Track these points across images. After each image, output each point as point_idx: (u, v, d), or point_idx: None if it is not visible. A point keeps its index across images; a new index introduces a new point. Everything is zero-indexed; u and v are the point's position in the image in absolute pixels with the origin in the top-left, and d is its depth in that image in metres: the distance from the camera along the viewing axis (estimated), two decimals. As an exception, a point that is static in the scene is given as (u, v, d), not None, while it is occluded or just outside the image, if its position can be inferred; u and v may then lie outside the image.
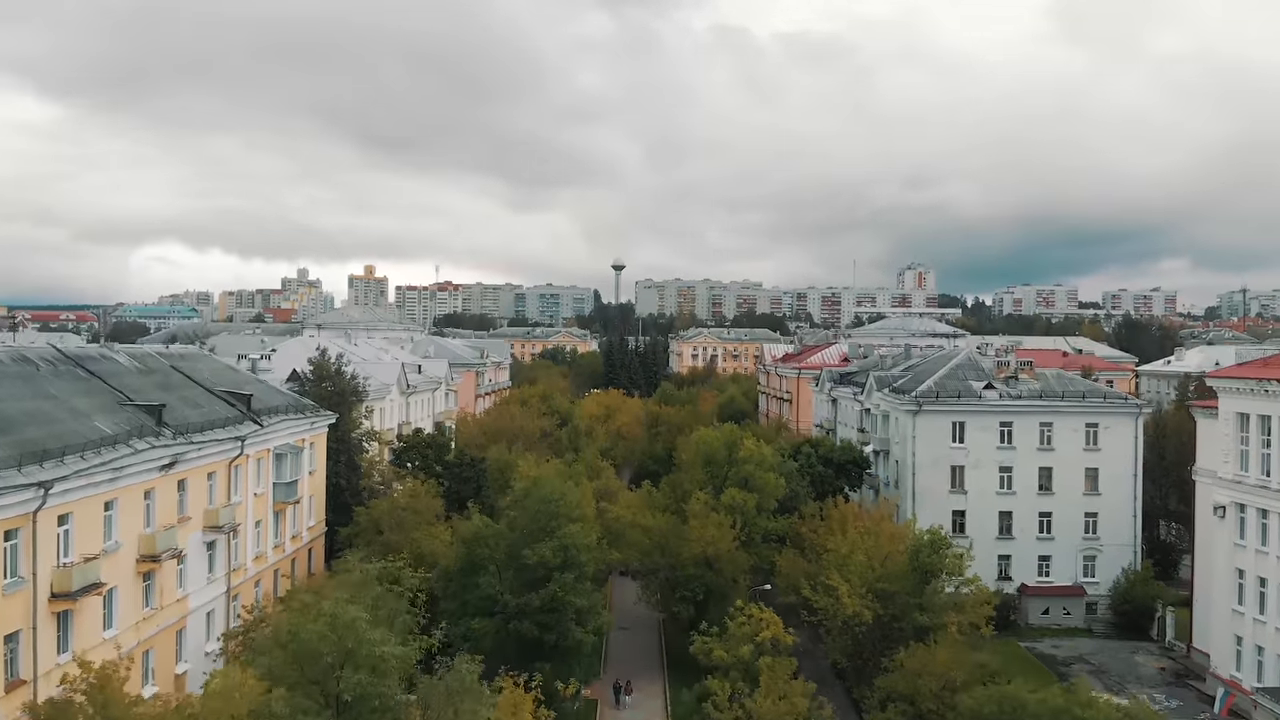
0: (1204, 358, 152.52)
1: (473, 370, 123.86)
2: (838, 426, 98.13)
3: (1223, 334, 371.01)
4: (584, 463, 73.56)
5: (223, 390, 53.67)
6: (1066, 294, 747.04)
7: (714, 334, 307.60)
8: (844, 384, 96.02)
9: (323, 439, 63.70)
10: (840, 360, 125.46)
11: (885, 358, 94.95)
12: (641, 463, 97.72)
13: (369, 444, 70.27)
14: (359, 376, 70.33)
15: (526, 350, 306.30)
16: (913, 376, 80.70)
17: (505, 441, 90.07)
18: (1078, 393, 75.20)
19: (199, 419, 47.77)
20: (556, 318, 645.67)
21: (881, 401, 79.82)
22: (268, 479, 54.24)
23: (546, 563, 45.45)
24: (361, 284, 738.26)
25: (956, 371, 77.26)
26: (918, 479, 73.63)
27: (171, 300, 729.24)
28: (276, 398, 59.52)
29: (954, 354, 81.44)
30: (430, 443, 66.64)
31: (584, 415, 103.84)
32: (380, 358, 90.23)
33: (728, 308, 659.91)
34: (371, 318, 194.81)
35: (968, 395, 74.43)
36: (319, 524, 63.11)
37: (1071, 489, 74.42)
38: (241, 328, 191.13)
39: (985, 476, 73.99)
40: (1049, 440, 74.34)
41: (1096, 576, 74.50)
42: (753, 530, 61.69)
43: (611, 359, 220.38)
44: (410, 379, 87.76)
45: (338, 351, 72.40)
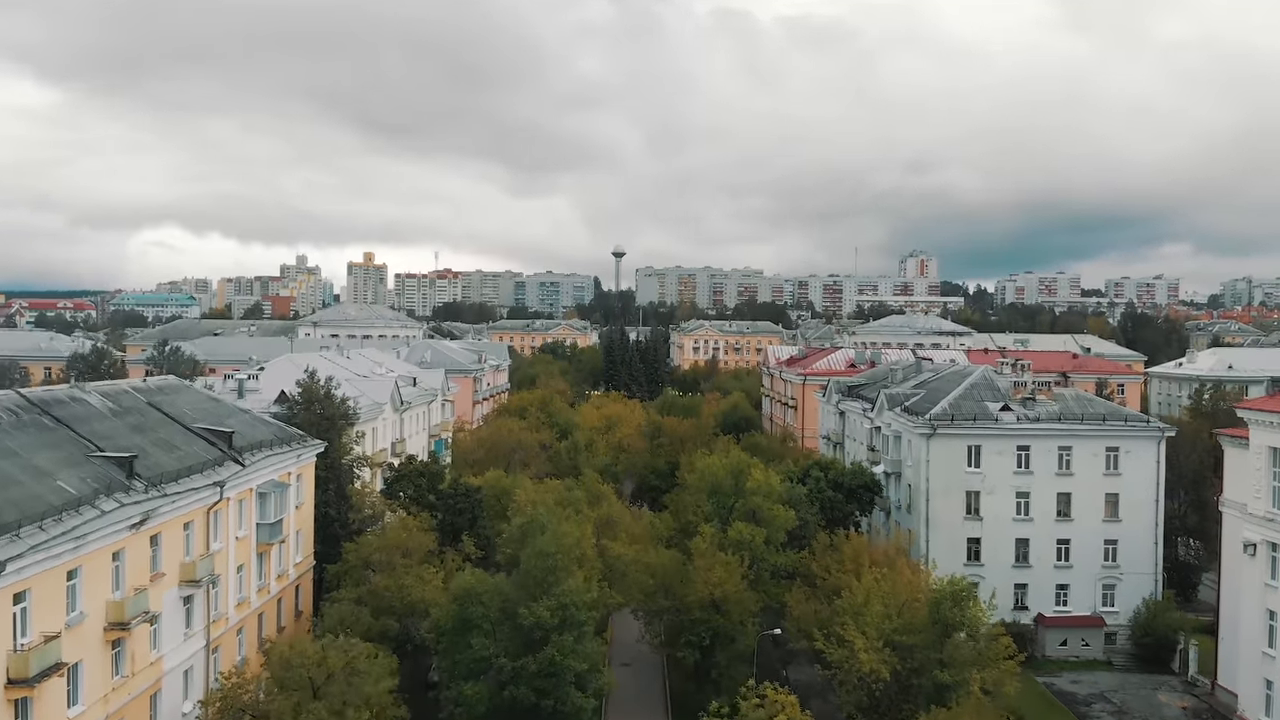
0: (1216, 360, 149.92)
1: (470, 376, 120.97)
2: (845, 440, 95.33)
3: (1228, 326, 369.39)
4: (584, 487, 70.66)
5: (202, 427, 50.76)
6: (1069, 281, 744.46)
7: (715, 327, 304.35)
8: (852, 397, 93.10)
9: (310, 469, 60.87)
10: (846, 366, 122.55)
11: (895, 369, 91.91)
12: (643, 477, 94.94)
13: (360, 469, 67.46)
14: (349, 399, 67.41)
15: (526, 343, 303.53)
16: (925, 395, 77.79)
17: (503, 455, 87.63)
18: (1098, 415, 72.31)
19: (175, 464, 44.87)
20: (556, 306, 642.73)
21: (893, 421, 76.94)
22: (251, 520, 51.42)
23: (543, 623, 42.64)
24: (360, 271, 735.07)
25: (972, 391, 74.33)
26: (932, 505, 70.84)
27: (170, 287, 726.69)
28: (260, 430, 56.61)
29: (968, 372, 78.48)
30: (423, 471, 63.82)
31: (584, 425, 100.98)
32: (373, 371, 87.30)
33: (728, 296, 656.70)
34: (368, 315, 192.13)
35: (984, 418, 71.54)
36: (307, 559, 60.35)
37: (1091, 515, 71.67)
38: (236, 326, 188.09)
39: (1001, 502, 71.22)
40: (1068, 465, 71.53)
41: (1116, 606, 71.85)
42: (761, 567, 58.92)
43: (612, 355, 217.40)
44: (404, 394, 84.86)
45: (327, 374, 69.33)
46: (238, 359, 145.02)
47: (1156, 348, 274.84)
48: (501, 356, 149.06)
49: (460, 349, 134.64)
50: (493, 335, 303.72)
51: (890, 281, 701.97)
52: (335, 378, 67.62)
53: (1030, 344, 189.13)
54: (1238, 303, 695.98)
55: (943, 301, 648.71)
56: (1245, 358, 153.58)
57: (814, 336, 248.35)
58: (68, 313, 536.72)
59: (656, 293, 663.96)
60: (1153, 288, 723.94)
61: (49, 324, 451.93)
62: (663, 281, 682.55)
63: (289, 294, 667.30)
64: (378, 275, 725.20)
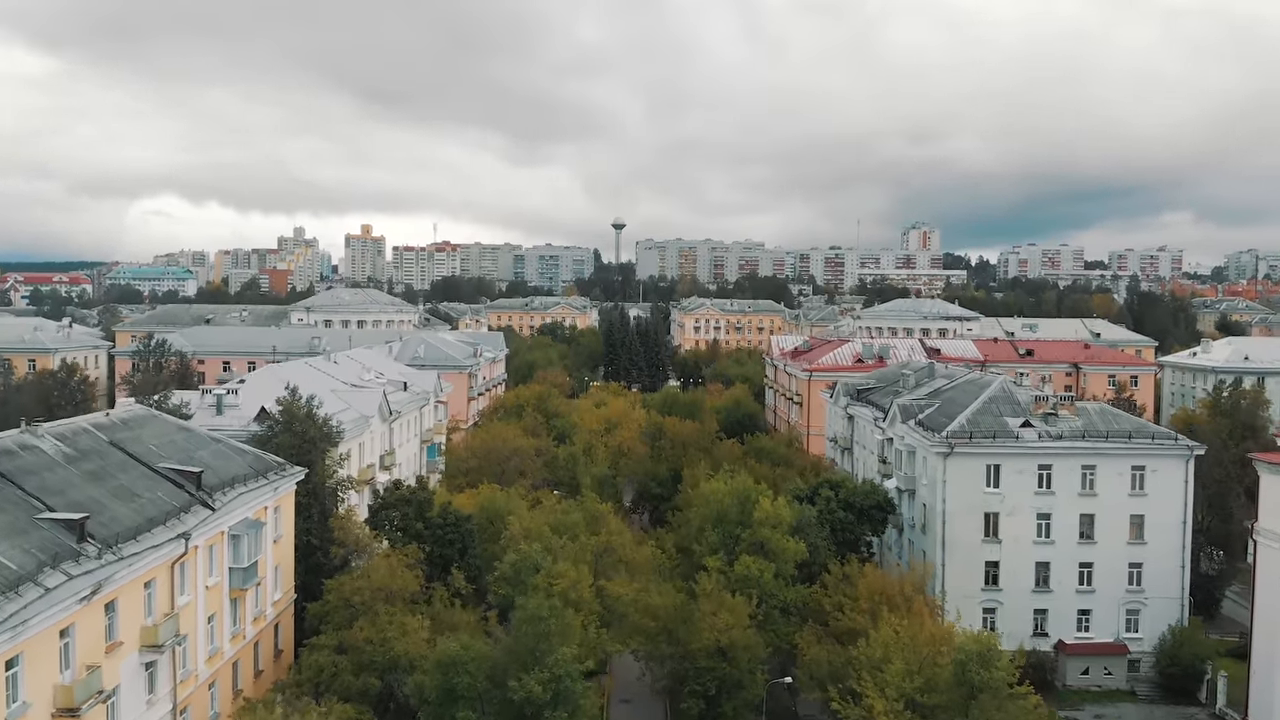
0: (1232, 351, 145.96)
1: (465, 372, 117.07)
2: (854, 446, 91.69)
3: (1236, 304, 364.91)
4: (582, 507, 67.09)
5: (168, 468, 47.02)
6: (1072, 254, 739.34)
7: (716, 306, 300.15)
8: (861, 402, 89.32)
9: (290, 498, 57.21)
10: (853, 361, 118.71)
11: (906, 373, 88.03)
12: (644, 485, 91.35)
13: (345, 492, 63.84)
14: (332, 420, 63.64)
15: (525, 323, 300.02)
16: (940, 407, 74.02)
17: (498, 462, 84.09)
18: (1123, 432, 68.55)
19: (134, 518, 41.17)
20: (556, 280, 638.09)
21: (907, 435, 73.22)
22: (222, 566, 47.82)
23: (535, 699, 39.13)
24: (358, 244, 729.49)
25: (990, 406, 70.55)
26: (948, 527, 67.26)
27: (166, 260, 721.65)
28: (234, 462, 52.87)
29: (986, 383, 74.64)
30: (409, 498, 60.11)
31: (582, 426, 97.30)
32: (361, 377, 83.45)
33: (729, 270, 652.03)
34: (363, 299, 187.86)
35: (1003, 435, 67.81)
36: (287, 594, 56.85)
37: (1115, 537, 68.14)
38: (227, 312, 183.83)
39: (1021, 524, 67.65)
40: (1091, 485, 67.87)
41: (1140, 632, 68.50)
42: (770, 604, 55.44)
43: (611, 338, 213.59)
44: (393, 403, 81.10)
45: (311, 387, 65.50)
46: (227, 351, 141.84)
47: (1164, 328, 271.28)
48: (498, 347, 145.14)
49: (455, 341, 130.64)
50: (491, 315, 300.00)
51: (892, 254, 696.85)
52: (318, 396, 63.78)
53: (1039, 330, 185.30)
54: (1242, 276, 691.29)
55: (945, 275, 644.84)
56: (1262, 348, 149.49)
57: (816, 318, 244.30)
58: (63, 287, 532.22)
59: (657, 266, 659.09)
60: (1156, 260, 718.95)
61: (43, 300, 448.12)
62: (663, 254, 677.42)
63: (286, 267, 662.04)
64: (375, 248, 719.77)
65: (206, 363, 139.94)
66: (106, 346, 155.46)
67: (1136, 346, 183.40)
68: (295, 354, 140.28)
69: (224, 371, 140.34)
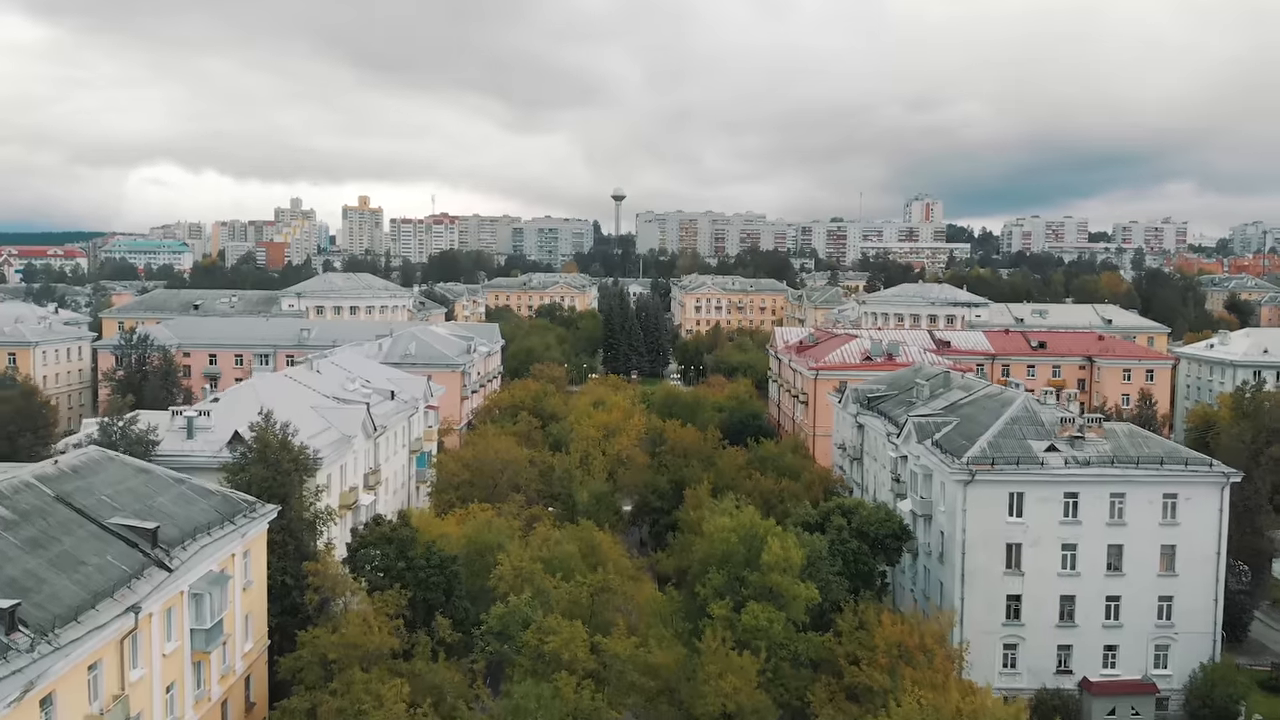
0: (1250, 343, 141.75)
1: (457, 371, 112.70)
2: (864, 457, 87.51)
3: (1245, 282, 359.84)
4: (580, 535, 62.99)
5: (121, 524, 42.74)
6: (1076, 226, 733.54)
7: (718, 285, 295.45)
8: (872, 411, 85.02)
9: (261, 540, 53.07)
10: (861, 358, 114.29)
11: (919, 382, 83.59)
12: (644, 497, 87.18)
13: (324, 524, 59.71)
14: (308, 449, 59.38)
15: (523, 303, 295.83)
16: (958, 425, 69.72)
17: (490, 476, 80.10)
18: (1155, 458, 64.27)
19: (77, 592, 36.97)
20: (555, 254, 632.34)
21: (923, 455, 68.98)
22: (182, 629, 43.69)
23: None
24: (356, 215, 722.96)
25: (1013, 428, 66.24)
26: (968, 559, 63.21)
27: (163, 232, 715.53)
28: (198, 507, 48.61)
29: (1007, 400, 70.25)
30: (391, 536, 55.88)
31: (580, 434, 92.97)
32: (345, 386, 79.06)
33: (730, 243, 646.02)
34: (355, 284, 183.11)
35: (1027, 461, 63.55)
36: (259, 643, 52.80)
37: (1144, 569, 64.10)
38: (217, 297, 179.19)
39: (1046, 555, 63.59)
40: (1120, 514, 63.74)
41: (1169, 668, 64.64)
42: (780, 655, 51.43)
43: (611, 322, 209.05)
44: (380, 414, 76.87)
45: (290, 401, 61.17)
46: (213, 343, 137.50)
47: (1173, 308, 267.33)
48: (493, 339, 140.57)
49: (448, 335, 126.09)
50: (489, 295, 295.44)
51: (895, 227, 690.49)
52: (293, 423, 59.41)
53: (1049, 316, 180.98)
54: (1248, 249, 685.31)
55: (949, 249, 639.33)
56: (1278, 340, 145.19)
57: (820, 300, 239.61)
58: (57, 261, 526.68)
59: (657, 239, 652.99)
60: (1161, 232, 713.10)
61: (36, 275, 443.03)
62: (663, 227, 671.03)
63: (283, 240, 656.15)
64: (373, 219, 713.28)
65: (193, 355, 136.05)
66: (90, 339, 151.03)
67: (1149, 334, 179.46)
68: (283, 346, 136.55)
69: (210, 365, 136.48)
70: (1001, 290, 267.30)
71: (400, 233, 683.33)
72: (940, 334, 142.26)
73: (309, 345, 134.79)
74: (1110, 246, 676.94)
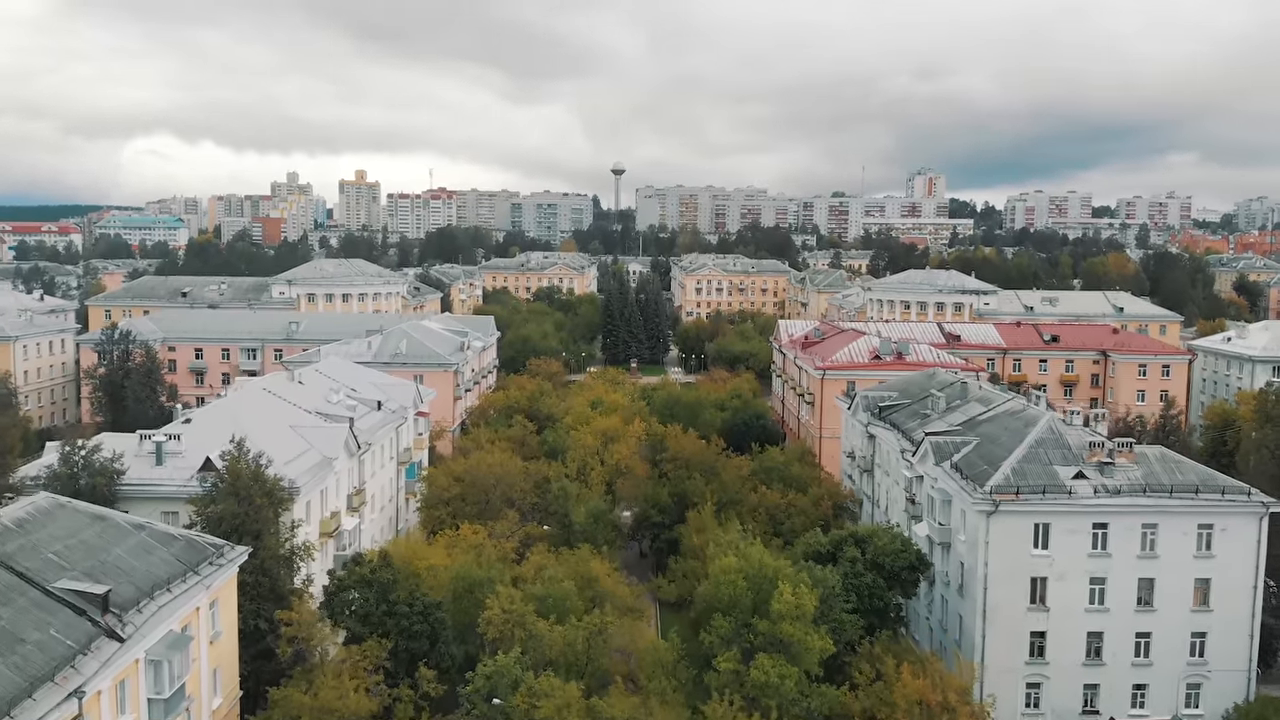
0: (1270, 337, 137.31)
1: (450, 370, 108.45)
2: (875, 470, 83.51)
3: (1253, 263, 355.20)
4: (574, 569, 59.13)
5: (68, 589, 38.66)
6: (1080, 201, 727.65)
7: (719, 266, 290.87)
8: (885, 423, 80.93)
9: (231, 586, 49.02)
10: (870, 358, 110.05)
11: (934, 393, 79.39)
12: (644, 511, 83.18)
13: (301, 560, 55.75)
14: (283, 481, 55.37)
15: (521, 285, 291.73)
16: (978, 446, 65.62)
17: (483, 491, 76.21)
18: (1189, 486, 60.17)
19: (12, 679, 32.98)
20: (554, 230, 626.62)
21: (941, 479, 64.92)
22: (138, 701, 39.75)
23: None
24: (353, 190, 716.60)
25: (1038, 451, 62.10)
26: (990, 594, 59.26)
27: (159, 207, 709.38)
28: (158, 558, 44.52)
29: (1031, 419, 66.06)
30: (371, 579, 51.83)
31: (576, 443, 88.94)
32: (329, 399, 74.81)
33: (731, 219, 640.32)
34: (347, 271, 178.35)
35: (1054, 490, 59.46)
36: (229, 696, 48.78)
37: (1176, 604, 60.20)
38: (206, 284, 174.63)
39: (1072, 590, 59.65)
40: (1152, 545, 59.75)
41: (1201, 708, 60.89)
42: (791, 711, 47.61)
43: (610, 309, 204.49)
44: (365, 428, 72.82)
45: (263, 438, 56.91)
46: (200, 337, 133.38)
47: (1182, 291, 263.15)
48: (487, 332, 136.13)
49: (441, 330, 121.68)
50: (486, 276, 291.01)
51: (897, 203, 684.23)
52: (267, 453, 55.39)
53: (1060, 304, 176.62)
54: (1253, 224, 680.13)
55: (952, 225, 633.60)
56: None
57: (824, 283, 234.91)
58: (50, 238, 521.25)
59: (657, 215, 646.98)
60: (1165, 207, 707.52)
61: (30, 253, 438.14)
62: (663, 202, 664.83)
63: (279, 215, 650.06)
64: (370, 194, 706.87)
65: (178, 349, 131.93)
66: (74, 331, 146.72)
67: (1161, 322, 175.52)
68: (271, 340, 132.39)
69: (196, 359, 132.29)
70: (1008, 273, 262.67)
71: (398, 208, 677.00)
72: (949, 327, 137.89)
73: (297, 339, 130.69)
74: (1114, 222, 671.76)
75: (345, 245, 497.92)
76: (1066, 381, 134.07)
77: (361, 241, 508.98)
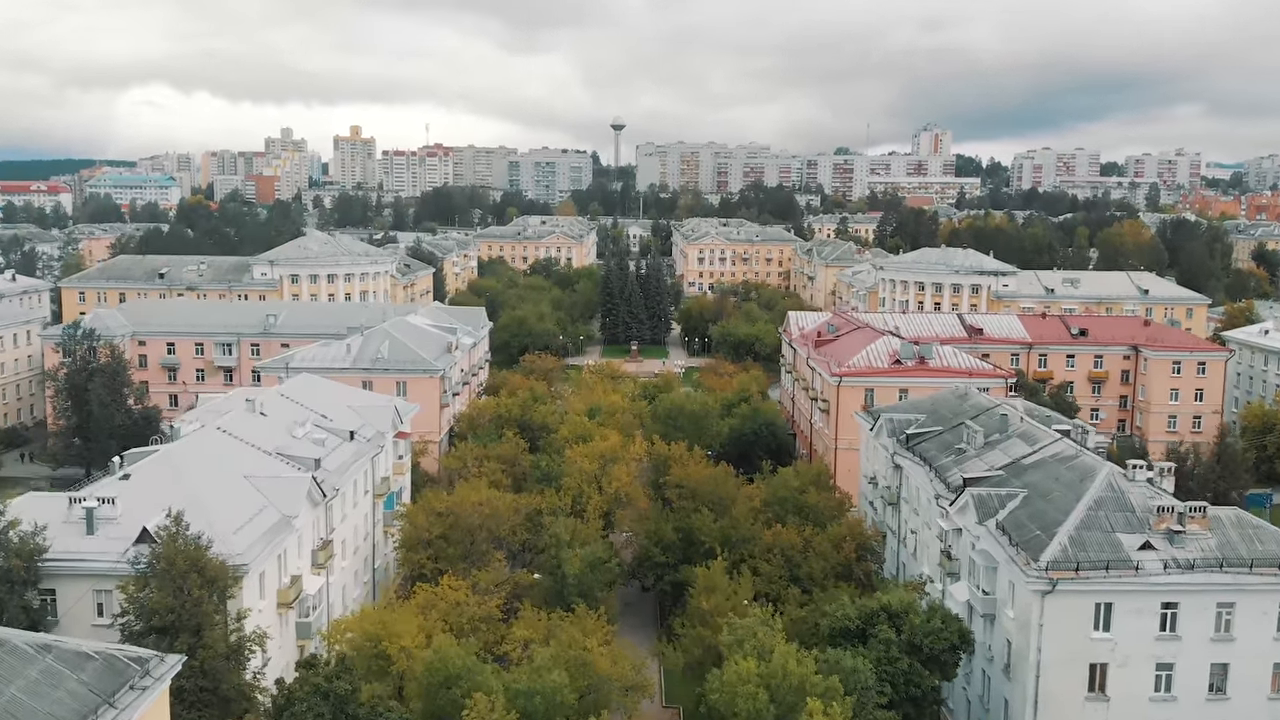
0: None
1: (436, 376, 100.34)
2: (901, 504, 75.87)
3: (1271, 229, 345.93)
4: (570, 658, 51.65)
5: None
6: (1088, 158, 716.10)
7: (722, 234, 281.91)
8: (913, 453, 73.18)
9: (163, 703, 41.41)
10: (890, 361, 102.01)
11: (966, 423, 71.43)
12: (646, 550, 75.53)
13: (251, 652, 48.26)
14: (229, 561, 47.72)
15: (517, 254, 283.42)
16: (1026, 501, 57.85)
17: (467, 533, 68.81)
18: (1270, 559, 52.48)
19: None
20: (553, 189, 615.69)
21: (985, 540, 57.23)
22: None
23: None
24: (347, 146, 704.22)
25: (1097, 515, 54.31)
26: (1043, 681, 51.85)
27: (151, 164, 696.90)
28: (64, 693, 36.76)
29: (1086, 469, 58.19)
30: (327, 690, 44.12)
31: (571, 464, 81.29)
32: (294, 433, 66.82)
33: (733, 177, 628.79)
34: (332, 250, 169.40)
35: (1119, 565, 51.77)
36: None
37: (1253, 691, 52.81)
38: (184, 264, 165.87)
39: (1136, 676, 52.20)
40: (1228, 626, 52.26)
41: (1277, 807, 53.76)
42: None
43: (609, 288, 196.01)
44: (333, 467, 65.04)
45: (198, 528, 48.57)
46: (172, 330, 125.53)
47: (1200, 262, 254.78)
48: (479, 325, 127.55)
49: (428, 327, 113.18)
50: (481, 245, 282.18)
51: (903, 160, 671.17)
52: (208, 531, 47.62)
53: (1081, 285, 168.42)
54: (1263, 183, 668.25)
55: (959, 184, 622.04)
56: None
57: (832, 256, 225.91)
58: (39, 197, 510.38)
59: (658, 173, 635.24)
60: (1174, 165, 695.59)
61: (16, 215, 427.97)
62: (664, 160, 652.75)
63: (273, 173, 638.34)
64: (365, 150, 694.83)
65: (149, 344, 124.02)
66: (41, 321, 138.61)
67: (1188, 305, 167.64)
68: (247, 334, 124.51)
69: (168, 354, 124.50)
70: (1023, 245, 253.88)
71: (393, 165, 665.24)
72: (971, 319, 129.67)
73: (275, 333, 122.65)
74: (1123, 181, 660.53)
75: (339, 205, 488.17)
76: (1095, 378, 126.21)
77: (356, 201, 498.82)
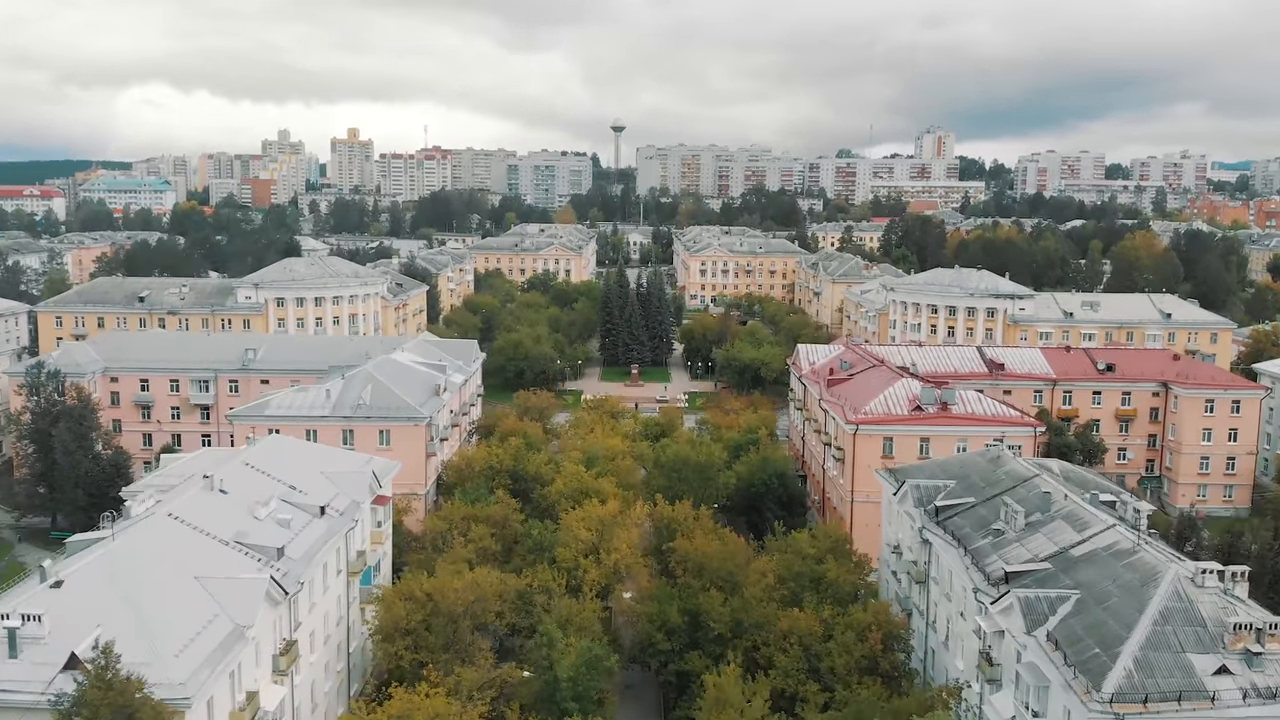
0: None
1: (422, 424, 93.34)
2: (930, 584, 68.96)
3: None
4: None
5: None
6: (1093, 161, 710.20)
7: (725, 245, 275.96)
8: (943, 528, 66.36)
9: None
10: (910, 407, 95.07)
11: (1005, 499, 64.67)
12: (649, 635, 68.50)
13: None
14: (170, 693, 40.99)
15: (515, 267, 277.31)
16: (1079, 606, 51.07)
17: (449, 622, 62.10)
18: (1369, 686, 45.61)
19: None
20: (552, 193, 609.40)
21: (1034, 654, 50.38)
22: None
23: None
24: (345, 148, 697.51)
25: (1163, 631, 47.47)
26: (1104, 829, 45.03)
27: (147, 167, 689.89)
28: None
29: (1149, 575, 51.30)
30: None
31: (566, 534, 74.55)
32: (256, 514, 59.88)
33: (735, 180, 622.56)
34: (319, 272, 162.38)
35: (1192, 694, 44.94)
36: None
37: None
38: (165, 287, 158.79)
39: (1211, 822, 45.42)
40: (1317, 762, 45.45)
41: None
42: None
43: (609, 308, 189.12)
44: (297, 555, 58.17)
45: (135, 654, 41.96)
46: (145, 366, 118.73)
47: (1216, 275, 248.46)
48: (470, 359, 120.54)
49: (416, 365, 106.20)
50: (479, 257, 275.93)
51: (906, 164, 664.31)
52: (141, 668, 40.87)
53: (1101, 309, 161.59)
54: (1270, 187, 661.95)
55: (964, 189, 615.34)
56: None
57: (839, 272, 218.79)
58: (31, 202, 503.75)
59: (658, 176, 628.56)
60: (1180, 168, 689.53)
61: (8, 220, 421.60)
62: (665, 163, 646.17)
63: (269, 176, 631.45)
64: (363, 153, 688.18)
65: (121, 380, 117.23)
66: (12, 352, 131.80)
67: (1211, 329, 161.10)
68: (225, 370, 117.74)
69: (142, 391, 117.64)
70: (1035, 259, 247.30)
71: (391, 168, 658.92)
72: (991, 353, 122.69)
73: (254, 369, 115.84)
74: (1129, 184, 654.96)
75: (335, 211, 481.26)
76: (1123, 416, 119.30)
77: (352, 207, 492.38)
